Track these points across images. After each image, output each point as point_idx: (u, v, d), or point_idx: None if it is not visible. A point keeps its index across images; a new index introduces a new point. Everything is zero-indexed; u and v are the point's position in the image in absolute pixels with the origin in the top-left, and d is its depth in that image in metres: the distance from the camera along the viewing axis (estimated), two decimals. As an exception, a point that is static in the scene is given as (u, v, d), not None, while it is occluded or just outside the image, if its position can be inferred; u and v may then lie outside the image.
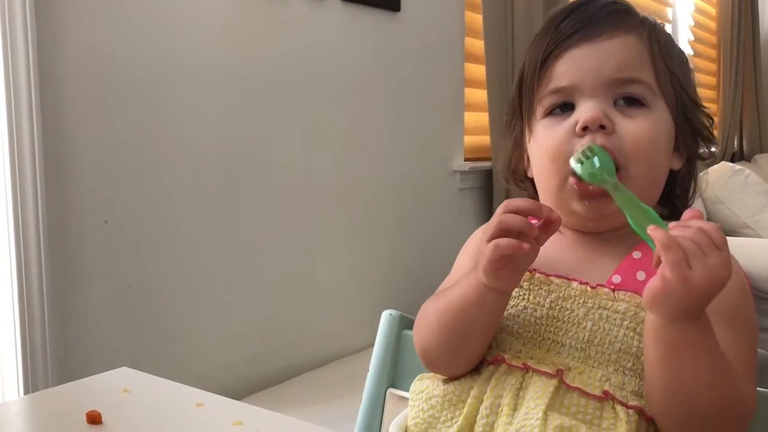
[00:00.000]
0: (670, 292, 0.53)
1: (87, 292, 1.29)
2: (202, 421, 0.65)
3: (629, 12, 0.71)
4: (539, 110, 0.70)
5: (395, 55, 1.97)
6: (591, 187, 0.64)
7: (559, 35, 0.69)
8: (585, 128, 0.65)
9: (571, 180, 0.66)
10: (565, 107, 0.68)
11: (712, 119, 0.73)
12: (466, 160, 2.26)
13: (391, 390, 0.83)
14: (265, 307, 1.63)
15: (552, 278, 0.67)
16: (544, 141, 0.69)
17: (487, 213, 2.33)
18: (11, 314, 1.18)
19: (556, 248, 0.71)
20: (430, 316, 0.70)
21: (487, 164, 2.28)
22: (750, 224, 3.01)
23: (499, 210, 0.62)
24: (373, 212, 1.93)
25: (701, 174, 0.76)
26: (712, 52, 4.10)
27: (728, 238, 0.85)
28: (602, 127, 0.65)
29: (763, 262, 0.80)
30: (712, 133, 0.74)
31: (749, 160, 4.06)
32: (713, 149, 3.86)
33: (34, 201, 1.19)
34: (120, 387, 0.71)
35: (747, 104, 4.18)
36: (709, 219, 3.03)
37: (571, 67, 0.68)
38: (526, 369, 0.64)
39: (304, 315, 1.73)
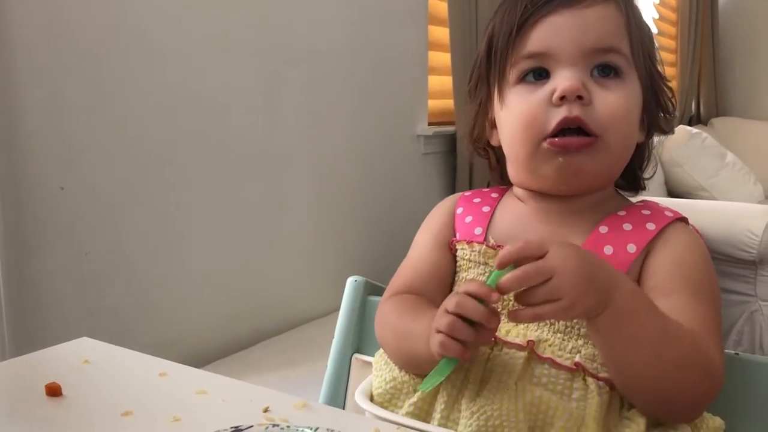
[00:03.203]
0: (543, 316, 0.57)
1: (43, 261, 1.26)
2: (165, 391, 0.64)
3: None
4: (512, 75, 0.68)
5: (358, 17, 1.93)
6: (572, 138, 0.64)
7: (537, 0, 0.67)
8: (562, 98, 0.64)
9: (546, 142, 0.65)
10: (539, 75, 0.67)
11: (672, 91, 0.74)
12: (430, 124, 2.25)
13: (356, 355, 0.83)
14: (228, 272, 1.62)
15: None
16: (518, 108, 0.67)
17: (451, 177, 2.34)
18: (-36, 284, 1.15)
19: (519, 222, 0.71)
20: (387, 332, 0.70)
21: (451, 128, 2.27)
22: (706, 186, 3.08)
23: (461, 290, 0.58)
24: (337, 177, 1.92)
25: (658, 140, 0.77)
26: (673, 16, 4.14)
27: (685, 201, 0.87)
28: (579, 97, 0.64)
29: (718, 224, 0.82)
30: (674, 105, 0.75)
31: (705, 124, 4.14)
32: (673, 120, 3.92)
33: (-16, 167, 1.15)
34: (80, 358, 0.70)
35: (704, 70, 4.25)
36: (666, 182, 3.10)
37: (549, 33, 0.66)
38: (495, 341, 0.64)
39: (268, 280, 1.73)
